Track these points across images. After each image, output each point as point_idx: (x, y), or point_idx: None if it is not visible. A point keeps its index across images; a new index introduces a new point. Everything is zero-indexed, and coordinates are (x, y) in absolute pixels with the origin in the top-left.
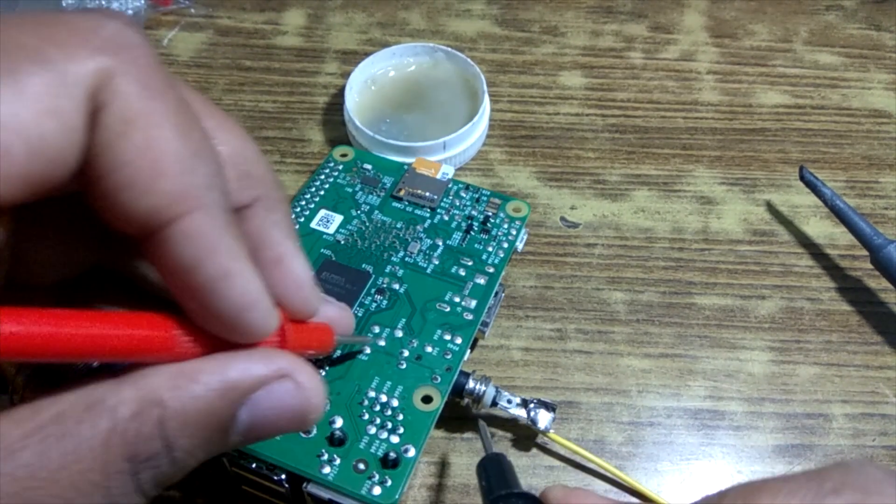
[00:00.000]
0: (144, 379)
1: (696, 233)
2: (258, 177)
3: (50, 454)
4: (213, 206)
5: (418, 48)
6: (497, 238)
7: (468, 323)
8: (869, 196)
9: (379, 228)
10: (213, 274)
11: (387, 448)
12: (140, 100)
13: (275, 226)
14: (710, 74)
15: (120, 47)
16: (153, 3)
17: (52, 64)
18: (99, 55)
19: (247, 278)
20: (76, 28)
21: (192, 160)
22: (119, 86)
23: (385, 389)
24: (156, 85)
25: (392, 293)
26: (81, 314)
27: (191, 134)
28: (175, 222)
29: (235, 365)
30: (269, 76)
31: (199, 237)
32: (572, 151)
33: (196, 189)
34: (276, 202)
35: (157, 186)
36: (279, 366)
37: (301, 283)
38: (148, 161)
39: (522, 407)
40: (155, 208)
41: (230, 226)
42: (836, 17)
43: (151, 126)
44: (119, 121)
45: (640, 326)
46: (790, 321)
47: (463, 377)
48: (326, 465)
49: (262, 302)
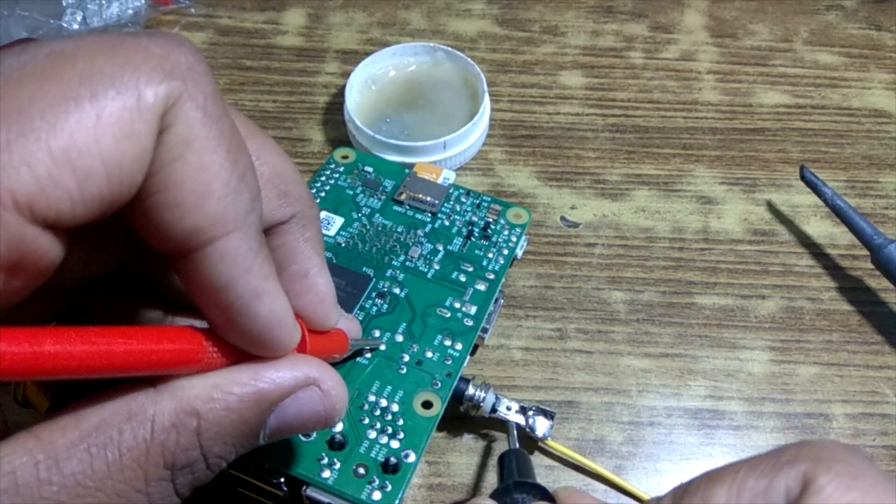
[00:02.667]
0: (181, 390)
1: (696, 232)
2: (296, 195)
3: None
4: (250, 229)
5: (419, 48)
6: (497, 244)
7: (468, 329)
8: (869, 196)
9: (380, 232)
10: (244, 293)
11: (387, 453)
12: (201, 124)
13: (306, 242)
14: (711, 74)
15: (187, 73)
16: (153, 2)
17: (128, 89)
18: (169, 80)
19: (275, 298)
20: (149, 53)
21: (239, 183)
22: (183, 110)
23: (385, 394)
24: (215, 111)
25: (393, 297)
26: (113, 331)
27: (239, 160)
28: (213, 242)
29: (265, 375)
30: (269, 76)
31: (235, 258)
32: (572, 151)
33: (238, 212)
34: (310, 220)
35: (203, 207)
36: (305, 373)
37: (324, 297)
38: (199, 183)
39: (521, 414)
40: (197, 228)
41: (263, 247)
42: (836, 17)
43: (206, 150)
44: (179, 143)
45: (641, 326)
46: (790, 321)
47: (463, 383)
48: (326, 469)
49: (287, 320)
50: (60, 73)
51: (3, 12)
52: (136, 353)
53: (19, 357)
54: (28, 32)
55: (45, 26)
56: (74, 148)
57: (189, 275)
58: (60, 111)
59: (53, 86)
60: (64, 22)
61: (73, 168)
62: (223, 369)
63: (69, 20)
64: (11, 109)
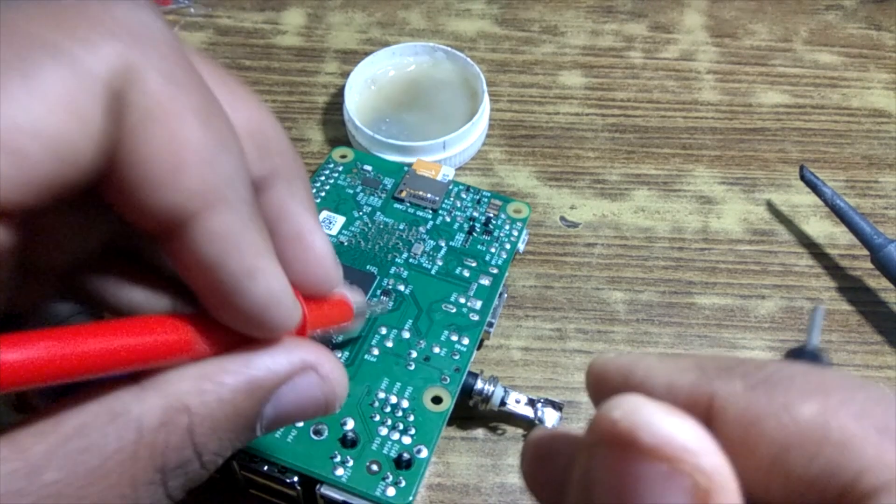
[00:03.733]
0: (168, 385)
1: (695, 232)
2: (276, 149)
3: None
4: (236, 201)
5: (418, 48)
6: (499, 239)
7: (474, 323)
8: (869, 196)
9: (382, 230)
10: (237, 272)
11: (399, 449)
12: (162, 92)
13: (293, 199)
14: (710, 74)
15: (140, 35)
16: (153, 2)
17: (68, 57)
18: (119, 45)
19: (271, 275)
20: (93, 15)
21: (216, 152)
22: (140, 78)
23: (395, 390)
24: (178, 74)
25: (398, 294)
26: (91, 328)
27: (214, 123)
28: (197, 219)
29: (258, 362)
30: (268, 76)
31: (223, 234)
32: (572, 151)
33: (219, 183)
34: (295, 175)
35: (179, 182)
36: (302, 358)
37: (322, 256)
38: (169, 156)
39: (530, 406)
40: (177, 205)
41: (254, 219)
42: (836, 17)
43: (174, 119)
44: (141, 115)
45: (640, 326)
46: (790, 321)
47: (471, 378)
48: (340, 467)
49: (286, 297)
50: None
51: None
52: (114, 350)
53: None
54: None
55: None
56: (9, 128)
57: (177, 256)
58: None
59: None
60: None
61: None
62: (213, 358)
63: None
64: None
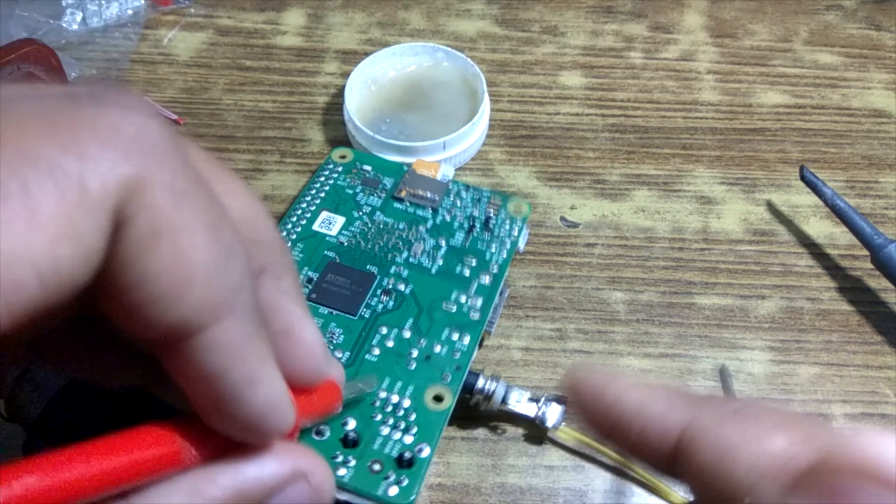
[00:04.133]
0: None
1: (696, 233)
2: (267, 243)
3: None
4: (243, 310)
5: (418, 48)
6: (499, 237)
7: (475, 322)
8: (869, 196)
9: (382, 230)
10: (239, 381)
11: (401, 448)
12: (168, 207)
13: (284, 294)
14: (710, 74)
15: (141, 145)
16: (153, 2)
17: (69, 179)
18: (123, 163)
19: (271, 382)
20: (95, 126)
21: (224, 264)
22: (144, 193)
23: (396, 390)
24: (184, 185)
25: (398, 294)
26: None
27: (222, 232)
28: (202, 332)
29: (249, 473)
30: (269, 76)
31: (228, 345)
32: (572, 151)
33: (227, 295)
34: (285, 269)
35: (186, 298)
36: (292, 467)
37: (312, 348)
38: (178, 273)
39: (532, 404)
40: (183, 320)
41: (259, 327)
42: (836, 17)
43: (180, 235)
44: (146, 235)
45: (640, 326)
46: (790, 321)
47: (472, 376)
48: (342, 467)
49: (283, 404)
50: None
51: (2, 12)
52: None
53: None
54: (28, 33)
55: (45, 26)
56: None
57: (177, 367)
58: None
59: None
60: (63, 22)
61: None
62: (202, 468)
63: (69, 20)
64: None
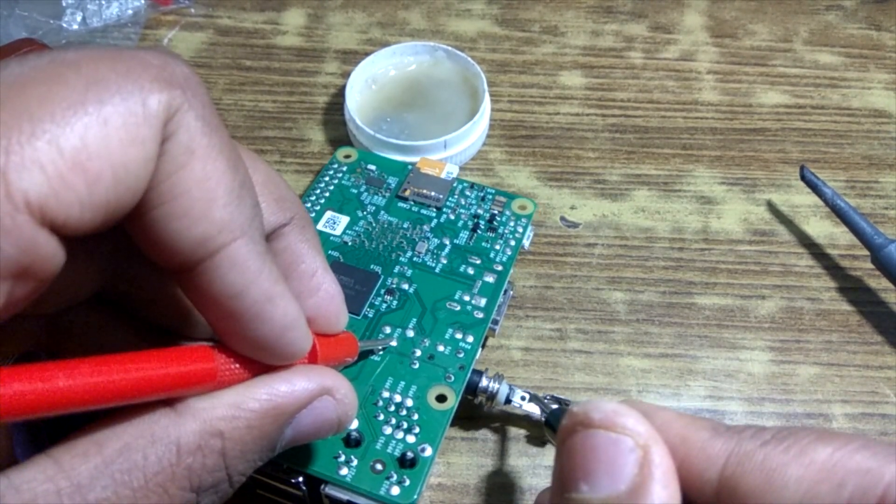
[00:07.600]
0: (204, 412)
1: (696, 233)
2: (290, 199)
3: (120, 490)
4: (255, 233)
5: (419, 47)
6: (504, 236)
7: (479, 321)
8: (869, 196)
9: (386, 229)
10: (258, 298)
11: (403, 448)
12: (202, 132)
13: (307, 243)
14: (710, 74)
15: (185, 83)
16: (153, 2)
17: (132, 96)
18: (170, 89)
19: (287, 300)
20: (148, 63)
21: (241, 191)
22: (186, 119)
23: (399, 389)
24: (213, 120)
25: (402, 293)
26: (124, 358)
27: (239, 167)
28: (222, 250)
29: (282, 388)
30: (269, 76)
31: (246, 263)
32: (572, 151)
33: (243, 217)
34: (307, 222)
35: (210, 215)
36: (320, 383)
37: (333, 295)
38: (205, 191)
39: (535, 403)
40: (206, 236)
41: (269, 252)
42: (836, 17)
43: (209, 158)
44: (183, 151)
45: (640, 326)
46: (790, 321)
47: (476, 375)
48: (344, 467)
49: (300, 322)
50: (66, 78)
51: (2, 12)
52: (151, 378)
53: (33, 395)
54: (28, 32)
55: (45, 26)
56: (84, 150)
57: (198, 287)
58: (70, 114)
59: (60, 90)
60: (64, 22)
61: (83, 170)
62: (239, 386)
63: (69, 20)
64: (20, 112)
